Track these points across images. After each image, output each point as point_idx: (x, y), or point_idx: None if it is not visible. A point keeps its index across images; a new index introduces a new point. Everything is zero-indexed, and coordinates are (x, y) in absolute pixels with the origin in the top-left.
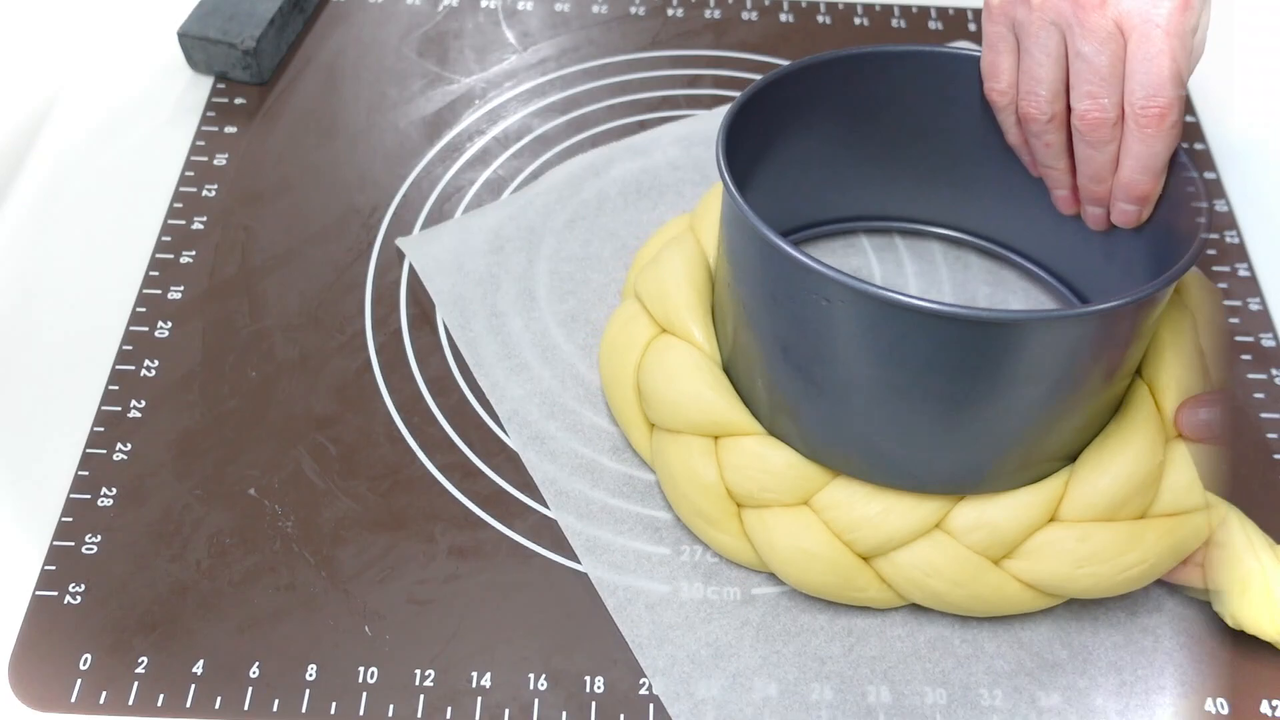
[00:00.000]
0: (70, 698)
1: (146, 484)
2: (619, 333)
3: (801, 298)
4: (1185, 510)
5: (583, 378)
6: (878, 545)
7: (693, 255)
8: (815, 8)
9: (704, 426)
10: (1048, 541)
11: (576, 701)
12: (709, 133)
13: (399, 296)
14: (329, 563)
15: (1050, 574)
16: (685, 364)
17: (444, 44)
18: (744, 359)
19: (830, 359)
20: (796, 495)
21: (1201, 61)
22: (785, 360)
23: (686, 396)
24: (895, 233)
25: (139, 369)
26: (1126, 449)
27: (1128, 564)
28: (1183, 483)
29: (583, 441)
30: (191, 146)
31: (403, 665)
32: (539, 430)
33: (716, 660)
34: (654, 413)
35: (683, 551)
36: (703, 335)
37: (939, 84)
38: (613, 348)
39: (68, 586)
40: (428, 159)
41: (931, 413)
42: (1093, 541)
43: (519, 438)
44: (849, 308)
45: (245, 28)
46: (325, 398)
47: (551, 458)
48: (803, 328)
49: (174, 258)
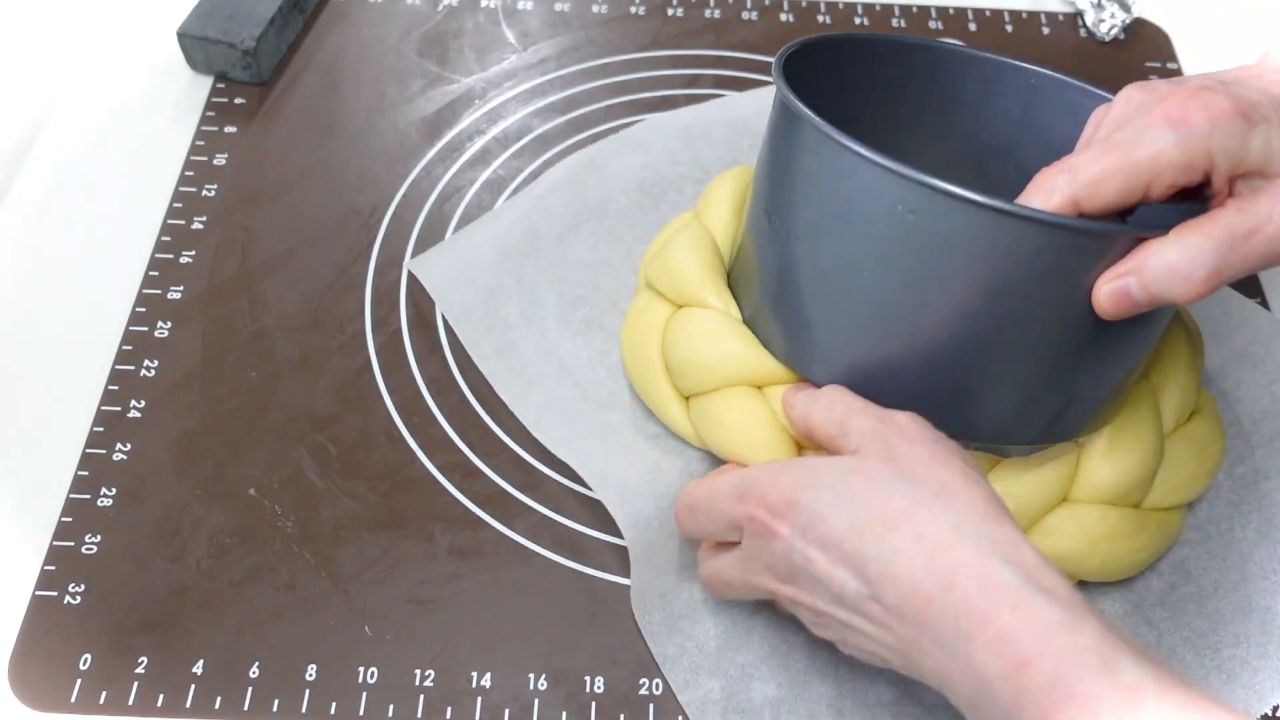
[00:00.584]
0: (70, 698)
1: (146, 484)
2: (637, 321)
3: (883, 213)
4: (1174, 505)
5: (603, 381)
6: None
7: (700, 237)
8: (815, 7)
9: (743, 378)
10: (1067, 517)
11: (576, 701)
12: (710, 122)
13: (399, 296)
14: (329, 563)
15: (1068, 550)
16: (708, 326)
17: (444, 44)
18: (785, 307)
19: (905, 284)
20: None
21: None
22: (846, 293)
23: (718, 354)
24: None
25: (139, 369)
26: (1136, 438)
27: (1135, 547)
28: (1177, 479)
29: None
30: (191, 146)
31: (403, 665)
32: (564, 431)
33: (725, 651)
34: (686, 381)
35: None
36: (719, 300)
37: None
38: (633, 336)
39: (68, 586)
40: (428, 159)
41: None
42: (1109, 520)
43: (561, 450)
44: (941, 218)
45: (245, 28)
46: (325, 398)
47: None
48: (875, 250)
49: (174, 258)
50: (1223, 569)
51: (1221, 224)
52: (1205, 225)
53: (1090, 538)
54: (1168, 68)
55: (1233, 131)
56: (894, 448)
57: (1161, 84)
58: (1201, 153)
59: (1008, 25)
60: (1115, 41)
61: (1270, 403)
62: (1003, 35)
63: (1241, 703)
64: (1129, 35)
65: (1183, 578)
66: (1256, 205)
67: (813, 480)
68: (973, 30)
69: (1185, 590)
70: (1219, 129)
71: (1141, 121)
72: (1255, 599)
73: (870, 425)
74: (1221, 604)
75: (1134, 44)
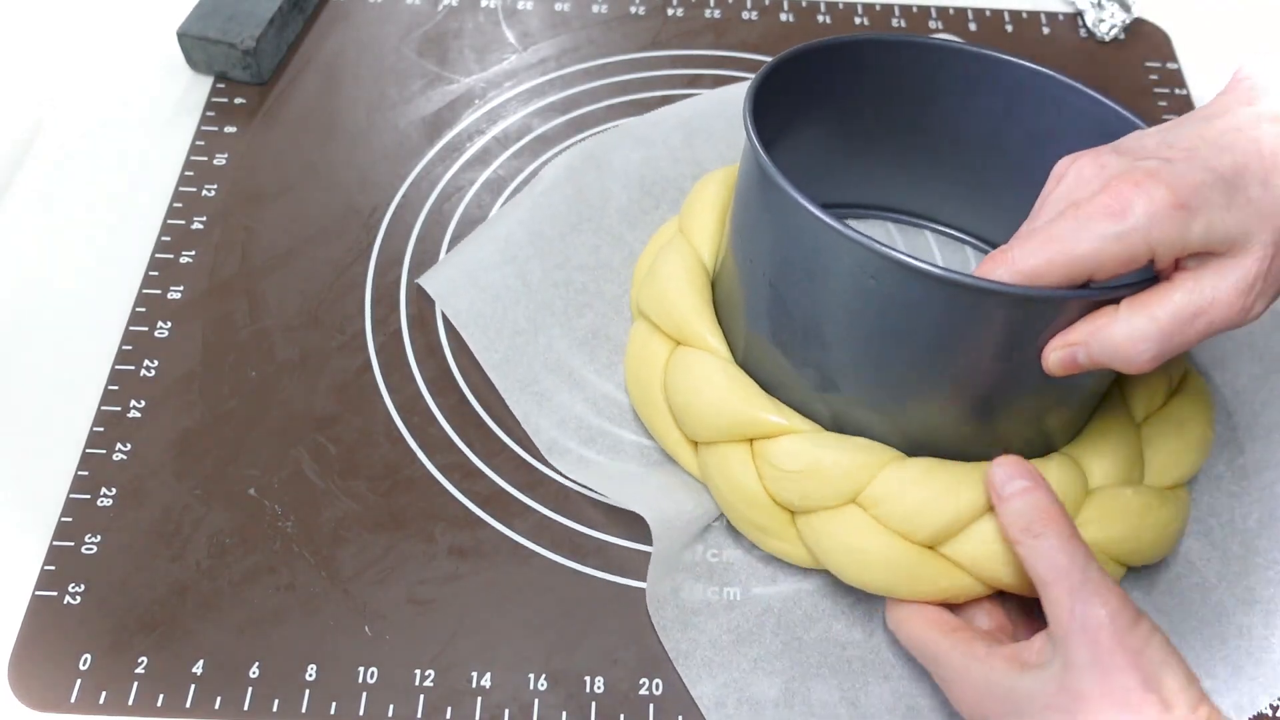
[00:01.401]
0: (70, 698)
1: (146, 484)
2: (638, 355)
3: (846, 276)
4: (1172, 484)
5: (612, 395)
6: (938, 531)
7: (688, 259)
8: (815, 7)
9: (736, 431)
10: (1107, 500)
11: (576, 701)
12: (709, 114)
13: (399, 296)
14: (329, 563)
15: (1122, 533)
16: (705, 373)
17: (444, 44)
18: (761, 347)
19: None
20: (842, 495)
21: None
22: (818, 340)
23: (713, 406)
24: (890, 221)
25: (139, 369)
26: (1109, 428)
27: (1168, 519)
28: (1164, 459)
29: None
30: (191, 146)
31: (403, 665)
32: (580, 454)
33: (738, 646)
34: (688, 428)
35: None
36: (715, 339)
37: (966, 83)
38: (637, 373)
39: (67, 586)
40: (428, 159)
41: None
42: (1142, 496)
43: (562, 462)
44: (899, 287)
45: (245, 28)
46: (325, 398)
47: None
48: (843, 304)
49: (174, 258)
50: (1225, 560)
51: (1169, 308)
52: (1153, 307)
53: (1137, 514)
54: (1168, 68)
55: (1172, 223)
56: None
57: (1111, 160)
58: (1142, 246)
59: (1008, 25)
60: (1115, 41)
61: (1269, 394)
62: (1003, 35)
63: (1248, 695)
64: (1129, 35)
65: (1187, 569)
66: (1201, 286)
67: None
68: (973, 30)
69: (1190, 581)
70: (1158, 222)
71: (1084, 211)
72: (1258, 590)
73: (1072, 620)
74: (1225, 596)
75: (1134, 44)
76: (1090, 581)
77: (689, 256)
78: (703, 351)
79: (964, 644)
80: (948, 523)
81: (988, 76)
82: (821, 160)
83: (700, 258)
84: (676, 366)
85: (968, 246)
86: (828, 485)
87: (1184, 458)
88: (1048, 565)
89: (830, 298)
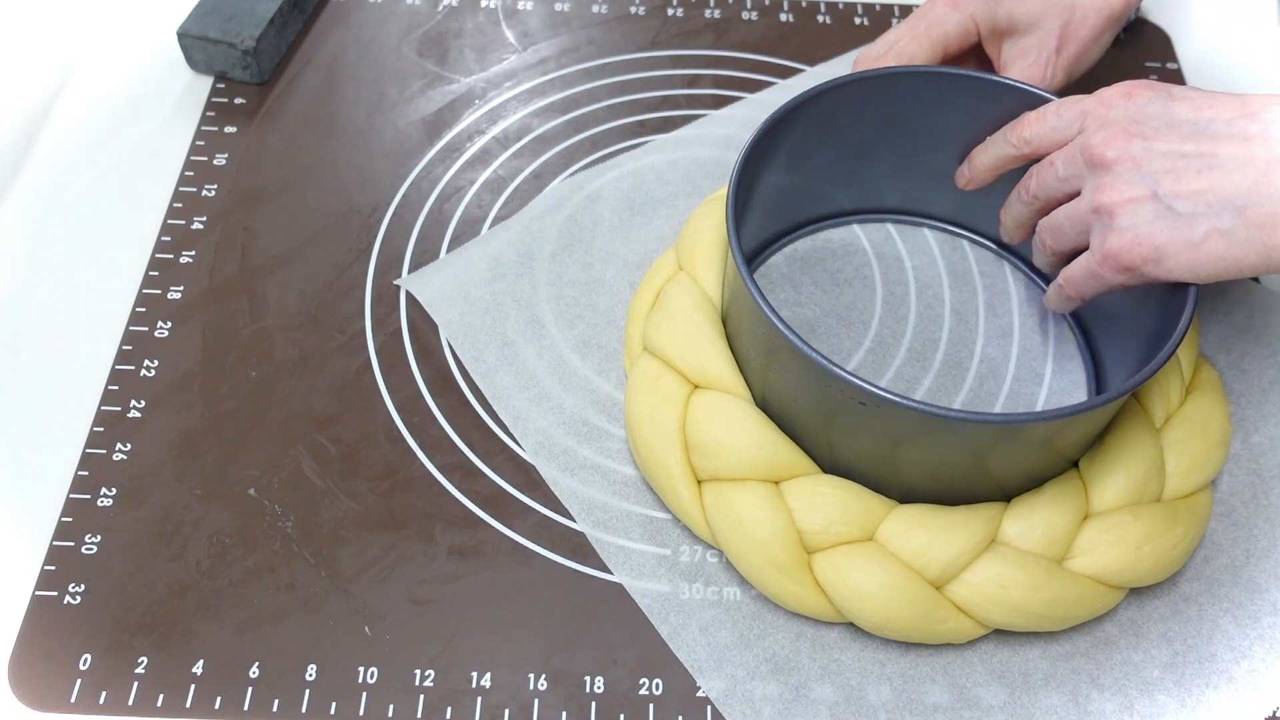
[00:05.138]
0: (70, 698)
1: (146, 484)
2: (649, 394)
3: (834, 397)
4: (1196, 489)
5: (603, 403)
6: (947, 565)
7: (696, 298)
8: (815, 8)
9: (768, 468)
10: (1104, 529)
11: (576, 701)
12: (696, 141)
13: (399, 296)
14: (329, 563)
15: (1117, 560)
16: (735, 415)
17: (444, 44)
18: (781, 405)
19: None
20: (864, 529)
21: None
22: (826, 420)
23: (747, 441)
24: (889, 223)
25: (139, 369)
26: (1127, 439)
27: (1175, 540)
28: (1189, 461)
29: (613, 462)
30: (191, 146)
31: (403, 665)
32: (566, 459)
33: (775, 673)
34: (712, 463)
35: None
36: (739, 384)
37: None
38: (646, 410)
39: (67, 586)
40: (428, 159)
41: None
42: (1143, 520)
43: (548, 469)
44: (884, 408)
45: (245, 27)
46: (325, 398)
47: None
48: (835, 415)
49: (174, 257)
50: (1252, 537)
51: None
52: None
53: (1133, 541)
54: (1168, 68)
55: (984, 8)
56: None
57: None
58: (969, 20)
59: None
60: (1115, 41)
61: (1277, 372)
62: None
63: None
64: (1129, 35)
65: (1214, 550)
66: (1012, 68)
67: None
68: None
69: (1219, 563)
70: (976, 5)
71: (932, 8)
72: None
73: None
74: (1255, 572)
75: (1134, 44)
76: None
77: (697, 296)
78: (728, 394)
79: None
80: (956, 554)
81: (961, 92)
82: (823, 178)
83: (708, 295)
84: (703, 408)
85: (963, 240)
86: (852, 514)
87: (1208, 460)
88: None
89: (817, 402)
